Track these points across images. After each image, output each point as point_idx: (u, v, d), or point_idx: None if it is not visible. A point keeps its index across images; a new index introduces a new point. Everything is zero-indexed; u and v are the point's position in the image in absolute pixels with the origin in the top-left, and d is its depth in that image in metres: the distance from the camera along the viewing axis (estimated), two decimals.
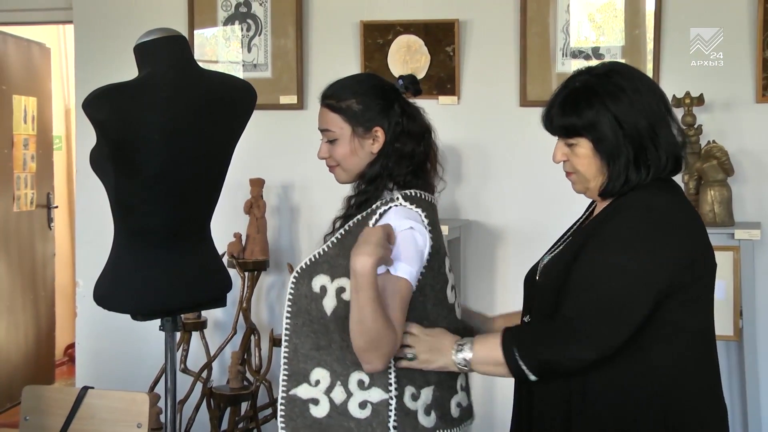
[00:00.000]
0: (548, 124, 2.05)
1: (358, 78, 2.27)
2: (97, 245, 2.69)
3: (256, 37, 4.23)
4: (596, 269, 1.91)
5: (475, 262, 4.08)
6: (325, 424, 2.08)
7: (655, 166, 1.94)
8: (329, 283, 2.08)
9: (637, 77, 1.99)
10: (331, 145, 2.16)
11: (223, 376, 4.20)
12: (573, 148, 2.02)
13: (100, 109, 2.17)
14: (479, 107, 4.06)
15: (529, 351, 1.92)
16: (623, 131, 1.93)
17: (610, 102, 1.93)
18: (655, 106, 1.95)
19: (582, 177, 2.04)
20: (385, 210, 2.11)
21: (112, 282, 2.39)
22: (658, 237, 1.90)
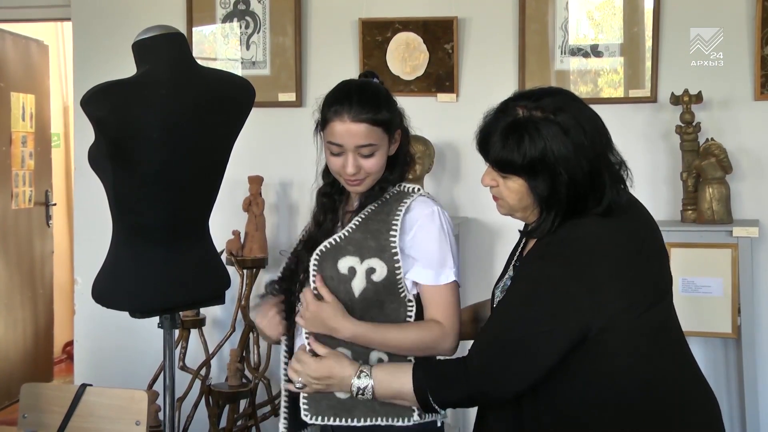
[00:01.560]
0: (484, 152, 1.95)
1: (372, 87, 2.22)
2: (96, 243, 2.69)
3: (255, 34, 4.23)
4: (505, 314, 1.94)
5: (474, 259, 4.08)
6: (350, 404, 2.11)
7: (590, 209, 1.86)
8: (358, 265, 2.13)
9: (582, 114, 1.88)
10: (365, 158, 2.13)
11: (221, 373, 4.20)
12: (505, 180, 1.92)
13: (98, 107, 2.16)
14: (478, 105, 3.97)
15: (440, 394, 1.95)
16: (561, 178, 1.83)
17: (555, 146, 1.82)
18: (598, 145, 1.86)
19: (509, 207, 1.97)
20: (411, 200, 2.17)
21: (110, 279, 2.39)
22: (566, 284, 1.83)
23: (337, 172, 2.18)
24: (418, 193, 2.20)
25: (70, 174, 6.09)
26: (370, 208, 2.18)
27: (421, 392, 1.94)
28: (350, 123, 2.10)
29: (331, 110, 2.13)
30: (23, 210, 5.84)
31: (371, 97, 2.16)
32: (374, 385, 1.99)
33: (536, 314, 1.85)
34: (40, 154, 6.00)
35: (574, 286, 1.82)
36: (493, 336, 1.94)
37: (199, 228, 2.42)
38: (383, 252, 2.12)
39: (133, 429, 2.55)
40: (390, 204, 2.18)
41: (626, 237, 1.89)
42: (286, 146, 4.23)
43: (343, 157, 2.13)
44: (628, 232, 1.90)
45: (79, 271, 4.58)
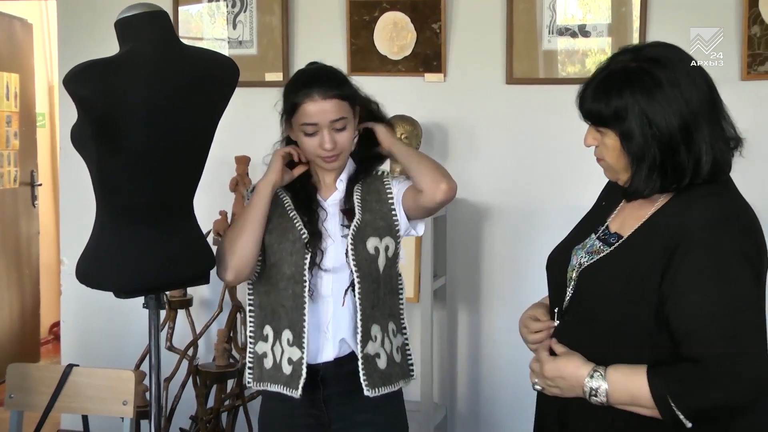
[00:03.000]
0: (579, 104, 1.92)
1: (329, 68, 2.42)
2: (82, 223, 2.68)
3: (242, 13, 4.20)
4: (718, 304, 1.75)
5: (462, 239, 4.09)
6: (386, 373, 2.38)
7: (690, 169, 1.81)
8: (379, 244, 2.36)
9: (680, 68, 1.82)
10: (339, 132, 2.32)
11: (209, 353, 4.20)
12: (603, 137, 1.88)
13: (81, 86, 2.14)
14: (465, 85, 4.05)
15: (685, 400, 1.73)
16: (651, 131, 1.79)
17: (642, 96, 1.79)
18: (695, 103, 1.80)
19: (611, 167, 1.92)
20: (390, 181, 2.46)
21: (94, 259, 2.37)
22: (753, 254, 1.79)
23: (313, 152, 2.35)
24: (388, 174, 2.48)
25: (56, 154, 6.06)
26: (359, 189, 2.41)
27: (661, 400, 1.73)
28: (321, 101, 2.29)
29: (300, 94, 2.32)
30: (8, 190, 5.82)
31: (333, 76, 2.36)
32: (609, 387, 1.79)
33: (744, 288, 1.76)
34: (25, 134, 5.97)
35: (757, 262, 1.79)
36: (720, 320, 1.74)
37: (183, 207, 2.41)
38: (391, 230, 2.40)
39: (120, 409, 2.55)
40: (374, 184, 2.44)
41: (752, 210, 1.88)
42: (274, 126, 4.17)
43: (318, 136, 2.31)
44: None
45: (65, 252, 4.57)
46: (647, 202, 1.90)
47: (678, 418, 1.73)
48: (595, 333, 1.88)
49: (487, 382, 4.15)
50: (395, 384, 2.42)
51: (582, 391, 1.82)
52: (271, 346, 2.41)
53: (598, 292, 1.90)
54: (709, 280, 1.76)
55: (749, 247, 1.79)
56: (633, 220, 1.92)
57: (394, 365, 2.41)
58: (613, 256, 1.90)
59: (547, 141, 3.98)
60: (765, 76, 3.72)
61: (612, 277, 1.88)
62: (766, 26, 3.70)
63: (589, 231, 2.03)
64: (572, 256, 2.01)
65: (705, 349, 1.73)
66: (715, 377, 1.72)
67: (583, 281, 1.93)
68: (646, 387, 1.74)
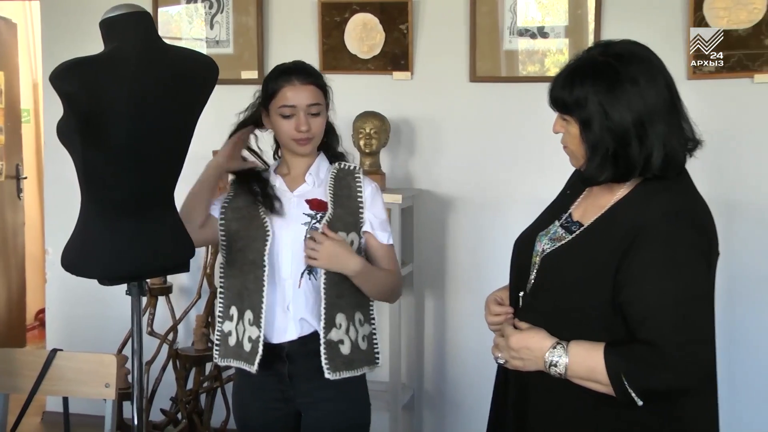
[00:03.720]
0: (549, 92, 1.91)
1: (307, 63, 2.49)
2: (66, 214, 2.66)
3: (219, 14, 4.18)
4: (671, 293, 1.76)
5: (427, 229, 4.10)
6: (349, 359, 2.40)
7: (636, 165, 1.81)
8: (346, 238, 2.39)
9: (643, 67, 1.82)
10: (314, 117, 2.38)
11: (188, 338, 4.18)
12: (567, 125, 1.89)
13: (67, 82, 2.12)
14: (431, 82, 4.06)
15: (637, 379, 1.74)
16: (607, 123, 1.79)
17: (602, 89, 1.80)
18: (652, 102, 1.79)
19: (574, 154, 1.92)
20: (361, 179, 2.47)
21: (79, 249, 2.35)
22: (706, 247, 1.80)
23: (288, 134, 2.39)
24: (360, 171, 2.49)
25: (40, 148, 6.00)
26: (330, 184, 2.43)
27: (615, 376, 1.73)
28: (300, 86, 2.37)
29: (280, 80, 2.39)
30: None
31: (311, 68, 2.46)
32: (569, 361, 1.79)
33: (696, 279, 1.78)
34: (11, 129, 5.91)
35: (708, 255, 1.81)
36: (672, 309, 1.75)
37: (164, 199, 2.40)
38: (356, 226, 2.42)
39: (103, 391, 2.53)
40: (345, 180, 2.45)
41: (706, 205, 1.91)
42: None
43: (294, 119, 2.37)
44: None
45: (50, 242, 4.53)
46: (608, 192, 1.91)
47: (630, 396, 1.73)
48: (554, 316, 1.88)
49: (452, 364, 4.17)
50: (358, 369, 2.43)
51: (543, 363, 1.82)
52: (236, 325, 2.45)
53: (558, 278, 1.90)
54: (664, 271, 1.76)
55: (702, 240, 1.81)
56: (594, 210, 1.93)
57: (358, 352, 2.43)
58: (574, 244, 1.91)
59: (508, 136, 3.99)
60: (709, 76, 3.76)
61: (572, 264, 1.89)
62: (710, 29, 3.73)
63: (553, 218, 2.03)
64: (536, 242, 2.01)
65: (658, 334, 1.74)
66: (667, 360, 1.73)
67: (546, 267, 1.94)
68: (602, 363, 1.75)
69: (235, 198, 2.50)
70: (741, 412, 3.77)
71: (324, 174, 2.47)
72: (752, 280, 3.83)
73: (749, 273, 3.83)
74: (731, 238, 3.81)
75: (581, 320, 1.84)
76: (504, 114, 3.99)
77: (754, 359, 3.84)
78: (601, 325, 1.81)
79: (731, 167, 3.78)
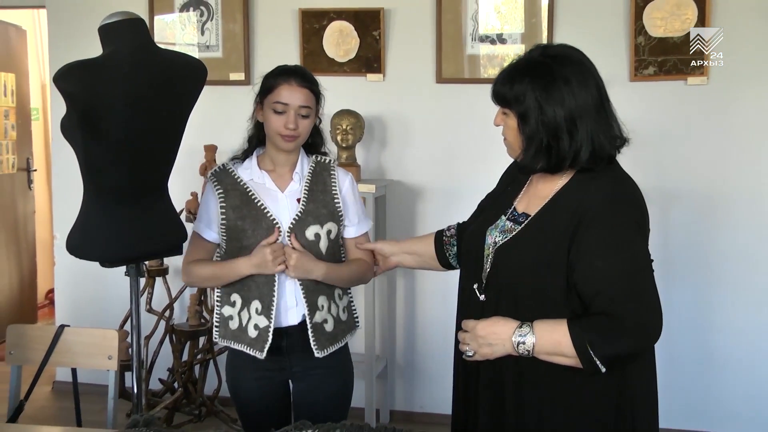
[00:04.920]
0: (492, 87, 1.90)
1: (304, 69, 2.40)
2: (72, 203, 2.63)
3: (209, 22, 4.15)
4: (619, 267, 1.75)
5: (398, 215, 4.10)
6: (333, 333, 2.39)
7: (566, 157, 1.80)
8: (320, 230, 2.34)
9: (576, 68, 1.81)
10: (303, 119, 2.31)
11: (183, 314, 4.17)
12: (507, 118, 1.87)
13: (69, 82, 2.11)
14: (401, 83, 4.05)
15: (600, 347, 1.71)
16: (542, 117, 1.78)
17: (538, 86, 1.78)
18: (582, 100, 1.78)
19: (511, 146, 1.91)
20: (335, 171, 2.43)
21: (82, 234, 2.34)
22: (642, 222, 1.81)
23: (276, 129, 2.31)
24: (335, 163, 2.45)
25: (49, 143, 5.94)
26: (307, 179, 2.38)
27: (581, 347, 1.72)
28: (296, 87, 2.30)
29: (279, 78, 2.31)
30: (7, 175, 5.72)
31: (310, 75, 2.37)
32: (536, 338, 1.76)
33: (637, 252, 1.78)
34: (21, 125, 5.86)
35: (643, 228, 1.82)
36: (621, 281, 1.75)
37: (159, 188, 2.39)
38: (334, 216, 2.37)
39: (106, 363, 2.53)
40: (320, 175, 2.40)
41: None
42: (237, 119, 4.13)
43: (285, 116, 2.29)
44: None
45: (57, 228, 4.49)
46: (548, 184, 1.90)
47: (595, 364, 1.72)
48: (513, 302, 1.85)
49: (421, 337, 4.18)
50: (341, 340, 2.43)
51: (511, 345, 1.79)
52: (238, 311, 2.36)
53: (513, 266, 1.87)
54: (610, 248, 1.75)
55: (638, 216, 1.81)
56: (537, 201, 1.91)
57: (340, 324, 2.42)
58: (524, 233, 1.88)
59: (470, 131, 4.00)
60: (648, 78, 3.78)
61: (524, 251, 1.85)
62: (649, 36, 3.75)
63: (499, 213, 2.00)
64: (487, 236, 1.97)
65: (613, 305, 1.73)
66: (625, 327, 1.73)
67: (499, 257, 1.90)
68: (568, 336, 1.73)
69: (228, 197, 2.35)
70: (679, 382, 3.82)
71: (306, 169, 2.40)
72: (684, 259, 3.87)
73: (682, 253, 3.87)
74: (667, 222, 3.85)
75: (540, 303, 1.81)
76: (467, 112, 4.00)
77: (687, 333, 3.89)
78: (559, 305, 1.79)
79: (668, 160, 3.80)
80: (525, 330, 1.78)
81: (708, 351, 3.92)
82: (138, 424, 1.90)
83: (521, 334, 1.78)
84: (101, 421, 2.58)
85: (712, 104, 3.78)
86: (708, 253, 3.87)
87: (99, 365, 2.54)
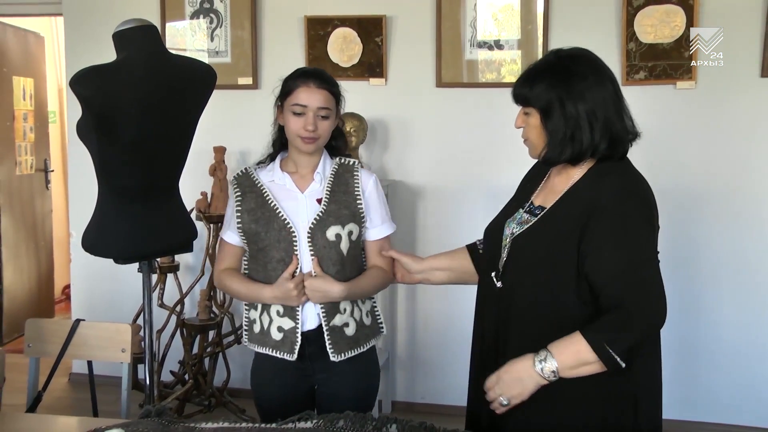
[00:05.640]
0: (513, 91, 1.93)
1: (326, 72, 2.30)
2: (88, 202, 2.63)
3: (218, 28, 4.14)
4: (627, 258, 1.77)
5: (401, 214, 4.09)
6: (355, 338, 2.26)
7: (588, 146, 1.84)
8: (342, 230, 2.21)
9: (590, 66, 1.87)
10: (322, 120, 2.20)
11: (193, 309, 4.17)
12: (528, 118, 1.90)
13: (84, 87, 2.11)
14: (403, 87, 4.04)
15: (617, 343, 1.73)
16: (563, 111, 1.82)
17: (558, 83, 1.83)
18: (598, 95, 1.83)
19: (532, 144, 1.93)
20: (359, 172, 2.29)
21: (97, 232, 2.34)
22: (650, 218, 1.83)
23: (296, 131, 2.21)
24: (359, 165, 2.30)
25: (65, 145, 5.93)
26: (330, 180, 2.25)
27: (599, 348, 1.72)
28: (315, 89, 2.19)
29: (298, 81, 2.20)
30: (26, 175, 5.71)
31: (328, 76, 2.26)
32: (556, 358, 1.76)
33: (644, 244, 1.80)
34: (39, 128, 5.86)
35: (651, 221, 1.84)
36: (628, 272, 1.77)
37: (170, 188, 2.38)
38: (355, 217, 2.24)
39: (120, 355, 2.52)
40: (343, 176, 2.27)
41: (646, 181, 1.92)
42: (245, 121, 4.17)
43: (304, 118, 2.18)
44: None
45: (73, 226, 4.49)
46: (564, 179, 1.92)
47: (616, 361, 1.72)
48: (527, 289, 1.87)
49: (421, 331, 4.18)
50: (364, 345, 2.29)
51: (536, 374, 1.77)
52: (260, 314, 2.27)
53: (528, 254, 1.89)
54: (618, 238, 1.77)
55: (647, 212, 1.83)
56: (553, 195, 1.94)
57: (363, 328, 2.28)
58: (539, 224, 1.91)
59: (469, 134, 3.99)
60: (639, 82, 3.77)
61: (539, 241, 1.88)
62: (639, 43, 3.75)
63: (517, 207, 2.03)
64: (505, 228, 2.00)
65: (621, 295, 1.74)
66: (632, 317, 1.74)
67: (515, 247, 1.92)
68: (584, 343, 1.73)
69: (244, 200, 2.26)
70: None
71: (328, 170, 2.28)
72: (672, 256, 3.86)
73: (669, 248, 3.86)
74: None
75: (552, 290, 1.82)
76: (466, 115, 3.99)
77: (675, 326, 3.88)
78: (571, 293, 1.81)
79: (657, 160, 3.79)
80: (542, 354, 1.78)
81: (695, 343, 3.91)
82: (150, 414, 1.89)
83: (540, 359, 1.78)
84: (115, 411, 2.58)
85: (700, 107, 3.78)
86: (694, 249, 3.86)
87: (113, 358, 2.54)
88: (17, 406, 2.61)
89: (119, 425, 1.81)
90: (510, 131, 2.00)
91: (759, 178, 3.79)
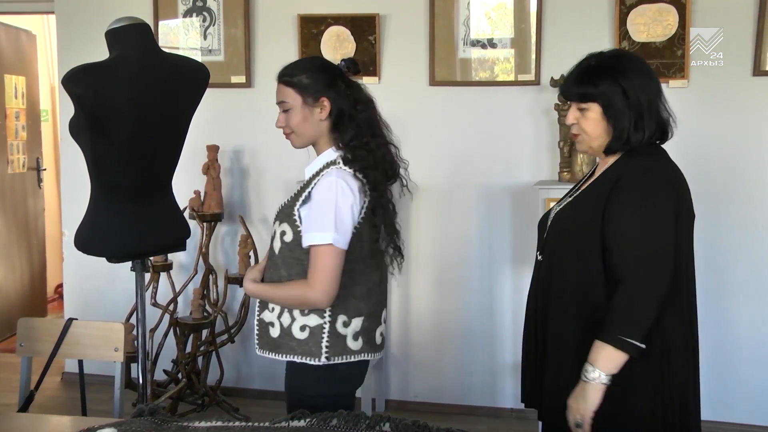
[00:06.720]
0: (566, 91, 2.06)
1: (308, 59, 2.22)
2: (80, 201, 2.63)
3: (211, 27, 4.14)
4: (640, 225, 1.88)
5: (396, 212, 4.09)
6: (277, 342, 2.11)
7: (649, 131, 1.97)
8: (277, 228, 2.11)
9: (636, 62, 2.02)
10: (287, 114, 2.11)
11: (186, 308, 4.16)
12: (584, 113, 2.01)
13: (77, 85, 2.10)
14: (396, 86, 4.04)
15: (629, 330, 1.84)
16: (628, 101, 1.95)
17: (620, 77, 1.95)
18: (648, 86, 1.98)
19: (588, 137, 2.04)
20: (323, 175, 2.06)
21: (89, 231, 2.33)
22: (674, 197, 1.92)
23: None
24: (334, 167, 2.07)
25: (58, 143, 5.92)
26: (305, 179, 2.12)
27: (617, 342, 1.84)
28: (277, 83, 2.12)
29: None
30: (18, 174, 5.69)
31: (296, 64, 2.15)
32: (598, 365, 1.87)
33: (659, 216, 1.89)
34: (31, 126, 5.84)
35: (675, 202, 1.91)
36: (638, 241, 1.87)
37: (163, 187, 2.38)
38: (289, 218, 2.06)
39: (113, 354, 2.51)
40: (316, 176, 2.09)
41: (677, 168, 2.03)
42: (238, 120, 4.17)
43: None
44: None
45: (66, 225, 4.48)
46: (601, 167, 2.06)
47: (636, 346, 1.84)
48: (557, 261, 2.01)
49: (414, 330, 4.18)
50: (285, 355, 2.10)
51: (590, 386, 1.88)
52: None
53: (561, 229, 2.05)
54: (636, 210, 1.88)
55: (669, 191, 1.92)
56: (590, 180, 2.10)
57: (289, 338, 2.08)
58: (574, 201, 2.08)
59: (462, 132, 3.99)
60: None
61: (570, 216, 2.04)
62: (632, 41, 3.75)
63: (567, 197, 2.19)
64: (551, 211, 2.16)
65: (625, 265, 1.86)
66: (634, 294, 1.85)
67: (554, 222, 2.09)
68: (607, 346, 1.85)
69: None
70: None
71: (315, 168, 2.12)
72: None
73: None
74: None
75: (583, 260, 1.94)
76: (459, 113, 3.99)
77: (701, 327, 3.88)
78: (596, 263, 1.91)
79: None
80: (587, 368, 1.89)
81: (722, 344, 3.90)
82: (143, 413, 1.89)
83: (588, 373, 1.88)
84: (108, 410, 2.57)
85: (693, 105, 3.79)
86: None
87: (106, 357, 2.53)
88: (9, 405, 2.61)
89: (112, 424, 1.81)
90: (502, 130, 2.03)
91: (752, 176, 3.80)
